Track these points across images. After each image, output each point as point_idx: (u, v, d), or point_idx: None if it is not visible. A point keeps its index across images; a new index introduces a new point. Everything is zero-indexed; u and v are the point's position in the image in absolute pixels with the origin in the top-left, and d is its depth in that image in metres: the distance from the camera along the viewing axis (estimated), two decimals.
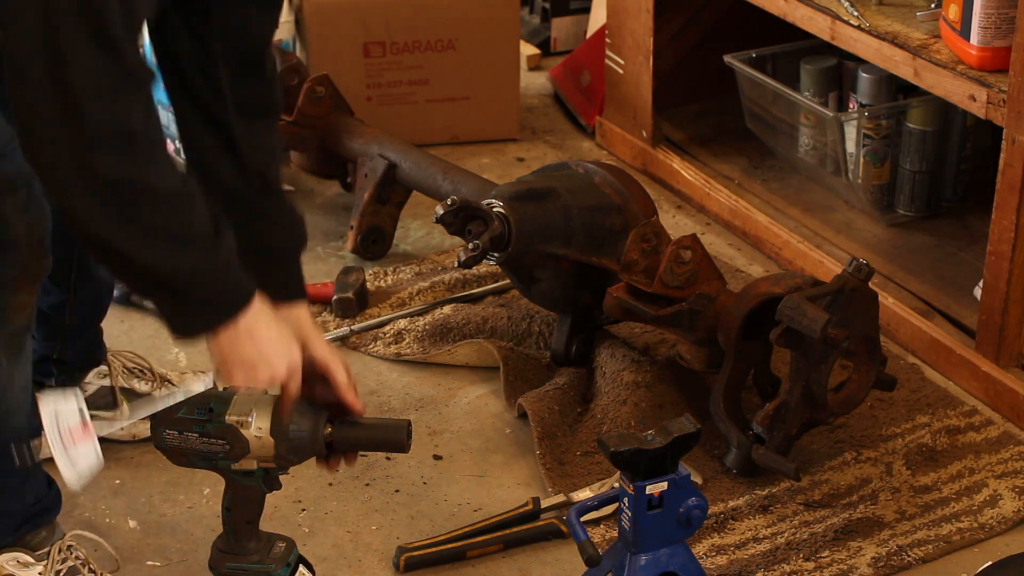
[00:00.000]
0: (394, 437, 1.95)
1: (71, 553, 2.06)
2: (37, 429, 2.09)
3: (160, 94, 1.85)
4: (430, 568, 2.20)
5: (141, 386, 2.42)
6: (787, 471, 2.27)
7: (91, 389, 2.39)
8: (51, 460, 1.86)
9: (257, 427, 1.91)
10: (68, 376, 2.36)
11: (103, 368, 2.41)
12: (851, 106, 2.96)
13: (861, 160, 2.93)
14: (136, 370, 2.44)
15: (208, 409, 1.92)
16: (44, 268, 1.99)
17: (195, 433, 1.92)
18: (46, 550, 2.06)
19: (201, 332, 1.81)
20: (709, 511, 2.19)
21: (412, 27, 3.30)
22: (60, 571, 2.04)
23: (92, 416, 2.40)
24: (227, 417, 1.91)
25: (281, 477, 1.97)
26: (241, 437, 1.91)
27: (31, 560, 2.04)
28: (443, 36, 3.33)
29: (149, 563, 2.22)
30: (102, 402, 2.40)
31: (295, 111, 2.98)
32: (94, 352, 2.40)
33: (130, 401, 2.41)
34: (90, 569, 2.07)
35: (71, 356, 2.35)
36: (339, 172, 3.11)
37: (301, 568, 2.04)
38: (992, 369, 2.53)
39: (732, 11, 3.22)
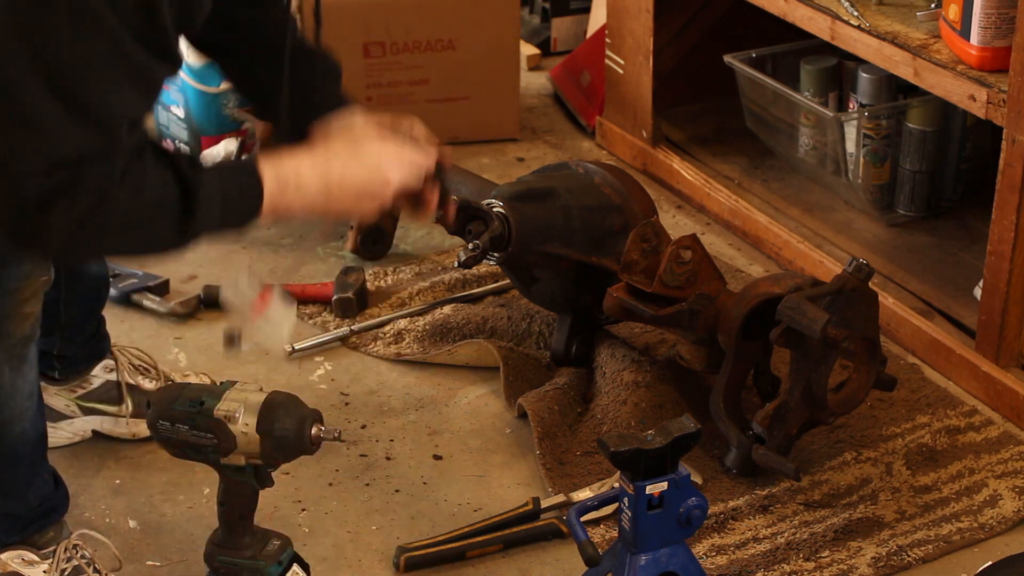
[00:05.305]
0: None
1: (76, 552, 2.06)
2: (43, 434, 2.10)
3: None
4: (430, 568, 2.20)
5: (147, 384, 2.43)
6: (787, 471, 2.27)
7: (97, 383, 2.39)
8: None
9: (244, 423, 1.92)
10: (72, 371, 2.37)
11: (110, 363, 2.41)
12: (851, 106, 2.96)
13: (861, 160, 2.93)
14: (142, 368, 2.44)
15: (200, 402, 1.94)
16: (50, 277, 1.99)
17: (186, 425, 1.93)
18: (51, 549, 2.06)
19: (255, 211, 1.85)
20: (709, 511, 2.19)
21: (412, 27, 3.30)
22: (65, 570, 2.03)
23: (95, 410, 2.41)
24: (216, 411, 1.92)
25: (281, 477, 1.98)
26: (228, 432, 1.92)
27: (36, 558, 2.04)
28: (443, 36, 3.33)
29: (149, 563, 2.22)
30: (107, 397, 2.40)
31: None
32: (97, 345, 2.40)
33: (134, 398, 2.41)
34: (95, 568, 2.06)
35: (73, 351, 2.36)
36: None
37: (295, 567, 2.03)
38: (992, 369, 2.53)
39: (732, 11, 3.22)
